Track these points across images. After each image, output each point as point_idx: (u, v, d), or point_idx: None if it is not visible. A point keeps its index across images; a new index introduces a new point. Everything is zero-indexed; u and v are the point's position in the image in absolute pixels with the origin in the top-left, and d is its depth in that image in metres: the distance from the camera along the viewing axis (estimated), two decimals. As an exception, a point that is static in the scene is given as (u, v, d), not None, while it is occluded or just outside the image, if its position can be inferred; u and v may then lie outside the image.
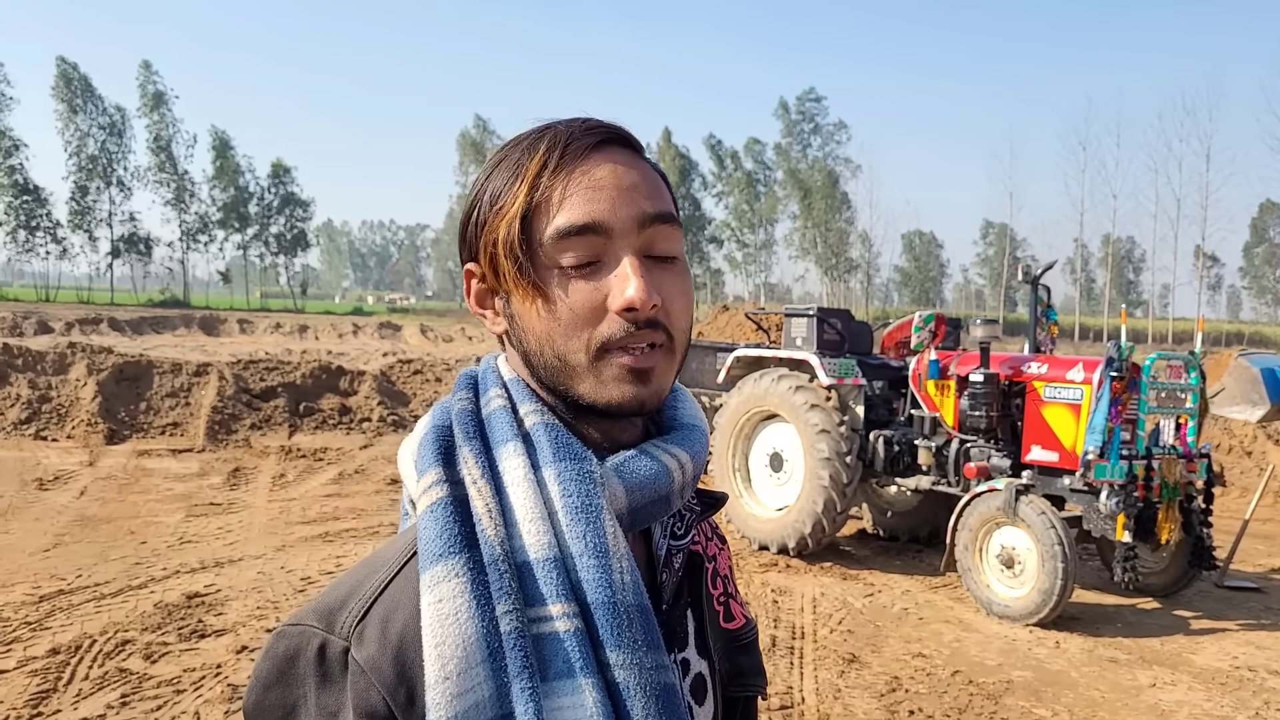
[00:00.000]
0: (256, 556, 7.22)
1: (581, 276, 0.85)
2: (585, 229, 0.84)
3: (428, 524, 0.81)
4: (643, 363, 0.86)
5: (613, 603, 0.80)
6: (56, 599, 6.03)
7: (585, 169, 0.86)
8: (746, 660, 1.08)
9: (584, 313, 0.85)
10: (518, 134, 0.92)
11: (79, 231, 66.90)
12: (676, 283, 0.89)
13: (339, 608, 0.83)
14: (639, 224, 0.86)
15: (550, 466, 0.84)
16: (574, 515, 0.82)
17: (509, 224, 0.86)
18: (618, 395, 0.86)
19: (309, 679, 0.81)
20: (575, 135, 0.87)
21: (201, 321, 43.49)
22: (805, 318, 8.14)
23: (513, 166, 0.88)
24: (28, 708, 4.43)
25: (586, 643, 0.79)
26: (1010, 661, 5.64)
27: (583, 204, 0.85)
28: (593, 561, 0.81)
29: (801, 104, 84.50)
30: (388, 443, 12.91)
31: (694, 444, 0.94)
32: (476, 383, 0.94)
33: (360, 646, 0.80)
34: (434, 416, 0.91)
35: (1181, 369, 6.66)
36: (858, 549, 8.42)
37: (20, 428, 12.29)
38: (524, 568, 0.80)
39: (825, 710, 4.80)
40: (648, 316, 0.85)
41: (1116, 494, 6.18)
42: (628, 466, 0.87)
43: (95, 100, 66.99)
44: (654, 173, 0.91)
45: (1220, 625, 6.51)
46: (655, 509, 0.89)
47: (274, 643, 0.84)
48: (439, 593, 0.78)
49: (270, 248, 77.76)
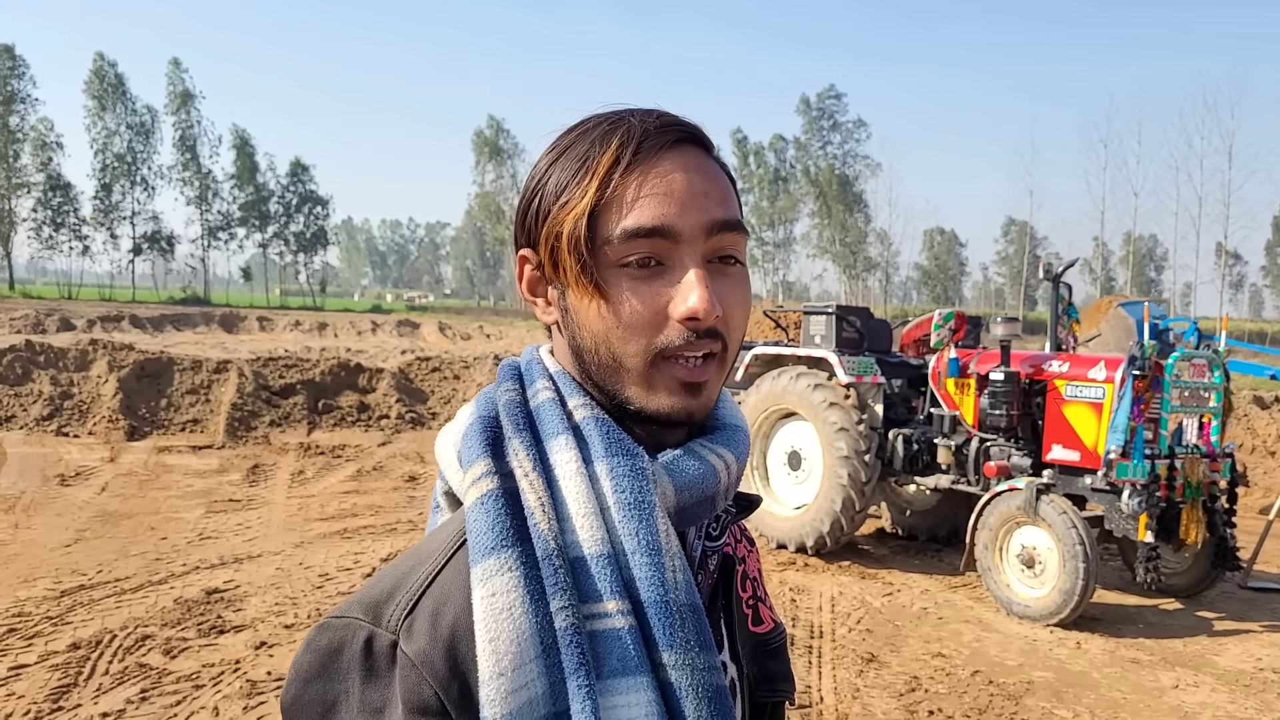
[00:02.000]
0: (275, 553, 7.25)
1: (644, 280, 0.84)
2: (654, 232, 0.82)
3: (478, 516, 0.80)
4: (696, 376, 0.85)
5: (665, 601, 0.78)
6: (77, 594, 6.07)
7: (659, 170, 0.84)
8: (775, 665, 1.06)
9: (645, 316, 0.83)
10: (586, 118, 0.90)
11: (101, 229, 67.41)
12: (737, 291, 0.88)
13: (385, 600, 0.81)
14: (707, 231, 0.84)
15: (602, 461, 0.83)
16: (627, 511, 0.80)
17: (575, 219, 0.84)
18: (667, 405, 0.85)
19: (353, 673, 0.79)
20: (650, 132, 0.85)
21: (222, 319, 43.72)
22: (824, 315, 8.10)
23: (580, 158, 0.85)
24: (48, 702, 4.46)
25: (641, 641, 0.78)
26: (1031, 662, 5.60)
27: (654, 206, 0.83)
28: (645, 559, 0.79)
29: (821, 101, 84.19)
30: (406, 440, 12.95)
31: (738, 445, 0.92)
32: (521, 374, 0.92)
33: (410, 640, 0.78)
34: (479, 407, 0.89)
35: (1205, 368, 6.59)
36: (876, 548, 8.38)
37: (42, 424, 12.39)
38: (577, 563, 0.79)
39: (844, 710, 4.77)
40: (709, 326, 0.84)
41: (1139, 494, 6.11)
42: (678, 465, 0.86)
43: (126, 100, 67.44)
44: (725, 176, 0.89)
45: (1244, 627, 6.44)
46: (701, 509, 0.87)
47: (316, 635, 0.82)
48: (492, 586, 0.76)
49: (290, 246, 78.12)
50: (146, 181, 69.01)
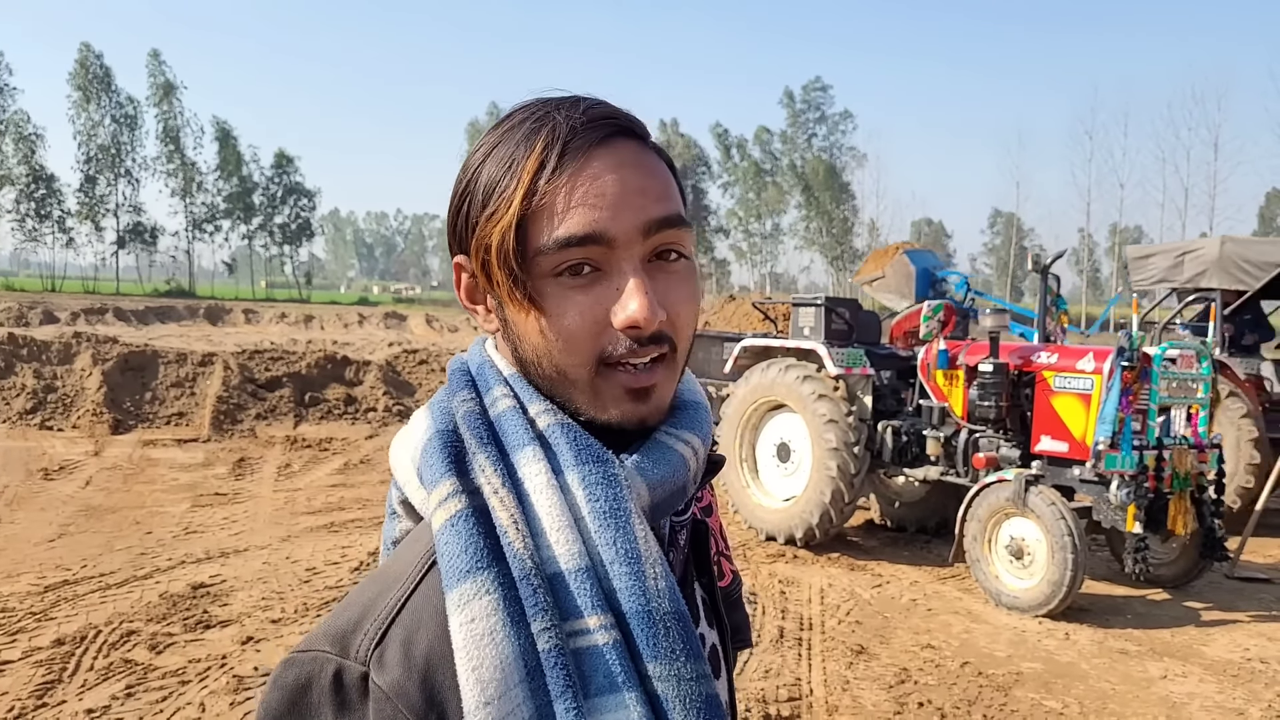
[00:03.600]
0: (262, 547, 7.21)
1: (581, 289, 0.80)
2: (586, 239, 0.79)
3: (449, 539, 0.76)
4: (643, 381, 0.82)
5: (648, 611, 0.76)
6: (62, 589, 6.02)
7: (589, 172, 0.80)
8: (736, 614, 1.06)
9: (584, 327, 0.80)
10: (512, 111, 0.86)
11: (86, 221, 66.90)
12: (682, 287, 0.84)
13: (352, 630, 0.78)
14: (644, 231, 0.81)
15: (573, 470, 0.80)
16: (603, 521, 0.78)
17: (503, 232, 0.80)
18: (617, 414, 0.83)
19: (324, 709, 0.76)
20: (577, 130, 0.80)
21: (207, 311, 43.50)
22: (813, 307, 8.10)
23: (506, 161, 0.81)
24: (33, 698, 4.42)
25: (626, 654, 0.75)
26: (1020, 653, 5.61)
27: (584, 213, 0.79)
28: (625, 569, 0.76)
29: (807, 93, 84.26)
30: (393, 433, 12.78)
31: (702, 424, 0.90)
32: (474, 379, 0.88)
33: (381, 671, 0.75)
34: (435, 419, 0.85)
35: (1193, 358, 6.61)
36: (865, 540, 8.39)
37: (26, 417, 12.30)
38: (555, 579, 0.76)
39: (834, 702, 4.77)
40: (652, 333, 0.80)
41: (1127, 485, 6.14)
42: (647, 463, 0.83)
43: (111, 90, 66.84)
44: (662, 166, 0.85)
45: (1231, 617, 6.47)
46: (674, 500, 0.85)
47: (282, 672, 0.78)
48: (470, 611, 0.73)
49: (275, 238, 77.74)
50: (131, 173, 68.53)
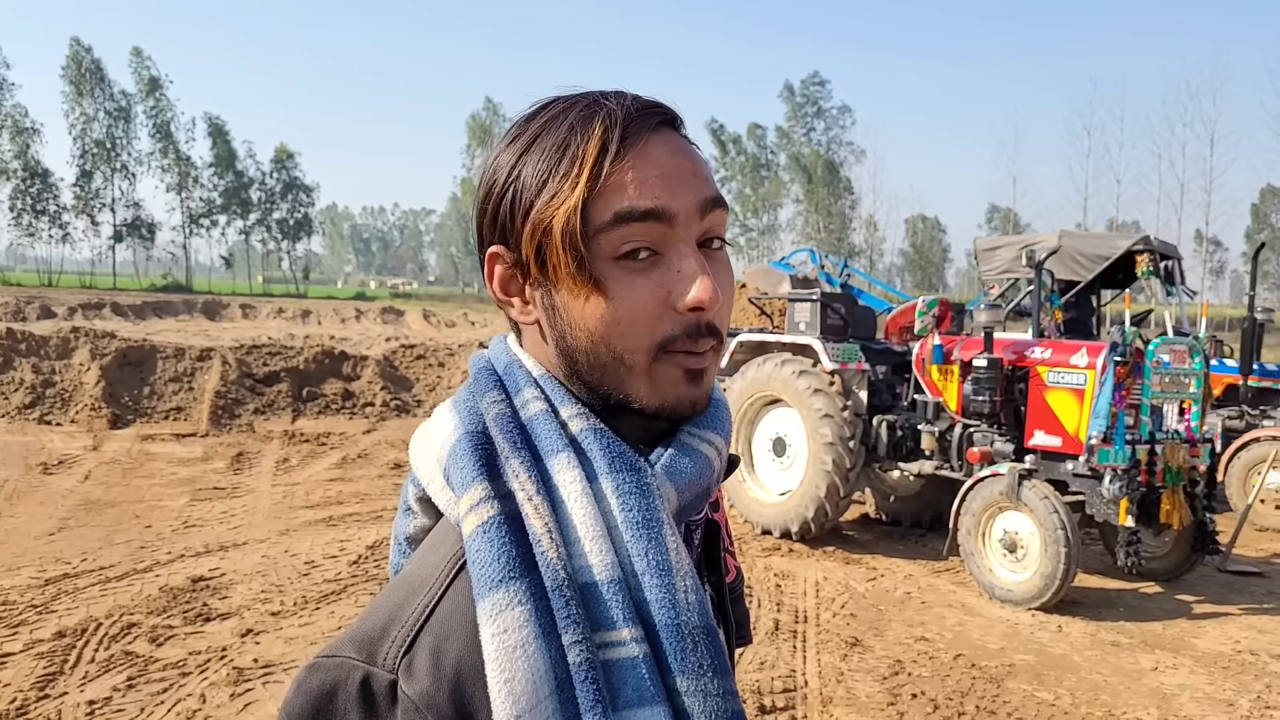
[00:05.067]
0: (261, 540, 7.25)
1: (641, 271, 0.80)
2: (649, 214, 0.79)
3: (481, 546, 0.75)
4: (700, 363, 0.82)
5: (677, 624, 0.75)
6: (62, 582, 6.06)
7: (648, 153, 0.80)
8: (738, 610, 1.06)
9: (647, 309, 0.80)
10: (541, 107, 0.85)
11: (82, 216, 66.71)
12: (725, 275, 0.85)
13: (380, 636, 0.76)
14: (700, 210, 0.82)
15: (607, 478, 0.78)
16: (636, 531, 0.77)
17: (568, 213, 0.79)
18: (673, 398, 0.82)
19: (350, 717, 0.75)
20: (632, 116, 0.81)
21: (204, 306, 43.46)
22: (808, 303, 8.13)
23: (559, 147, 0.81)
24: (34, 690, 4.45)
25: (655, 668, 0.74)
26: (1012, 645, 5.66)
27: (647, 189, 0.79)
28: (656, 580, 0.75)
29: (806, 88, 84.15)
30: (391, 427, 12.92)
31: (724, 424, 0.90)
32: (501, 378, 0.87)
33: (410, 680, 0.73)
34: (462, 420, 0.83)
35: (1185, 354, 6.65)
36: (860, 534, 8.44)
37: (24, 412, 12.32)
38: (587, 589, 0.75)
39: (828, 693, 4.81)
40: (708, 323, 0.82)
41: (1119, 479, 6.18)
42: (675, 465, 0.83)
43: (104, 85, 66.59)
44: (700, 154, 0.87)
45: (1223, 609, 6.52)
46: (699, 502, 0.85)
47: (307, 677, 0.77)
48: (503, 622, 0.72)
49: (273, 233, 77.57)
50: (127, 168, 68.33)
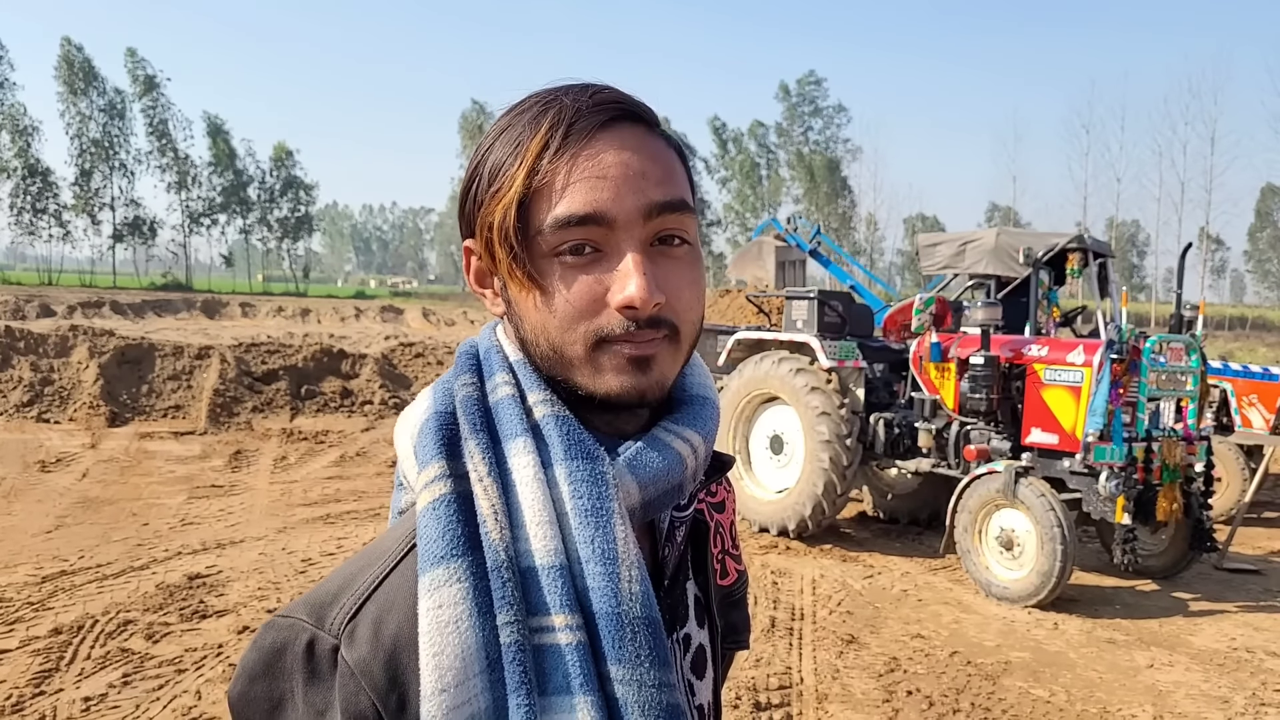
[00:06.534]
0: (258, 538, 7.25)
1: (580, 268, 0.80)
2: (586, 219, 0.78)
3: (429, 522, 0.77)
4: (643, 350, 0.81)
5: (617, 614, 0.76)
6: (59, 579, 6.06)
7: (590, 152, 0.79)
8: (736, 615, 1.06)
9: (582, 306, 0.80)
10: (524, 97, 0.86)
11: (82, 215, 66.66)
12: (684, 272, 0.83)
13: (330, 603, 0.79)
14: (644, 214, 0.80)
15: (561, 465, 0.80)
16: (583, 518, 0.77)
17: (504, 210, 0.80)
18: (616, 386, 0.81)
19: (296, 674, 0.78)
20: (581, 112, 0.80)
21: (203, 305, 43.43)
22: (806, 300, 8.14)
23: (513, 142, 0.81)
24: (30, 686, 4.46)
25: (589, 656, 0.75)
26: (1009, 642, 5.66)
27: (585, 192, 0.78)
28: (600, 569, 0.76)
29: (802, 87, 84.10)
30: (389, 425, 12.92)
31: (705, 422, 0.89)
32: (479, 363, 0.89)
33: (351, 646, 0.76)
34: (435, 400, 0.86)
35: (1182, 351, 6.65)
36: (857, 531, 8.44)
37: (23, 410, 12.32)
38: (528, 573, 0.76)
39: (824, 690, 4.82)
40: (649, 315, 0.80)
41: (1116, 476, 6.18)
42: (640, 460, 0.83)
43: (97, 83, 66.51)
44: (667, 151, 0.85)
45: (1219, 607, 6.53)
46: (668, 499, 0.85)
47: (262, 634, 0.81)
48: (439, 598, 0.74)
49: (274, 231, 77.50)
50: (126, 167, 68.27)
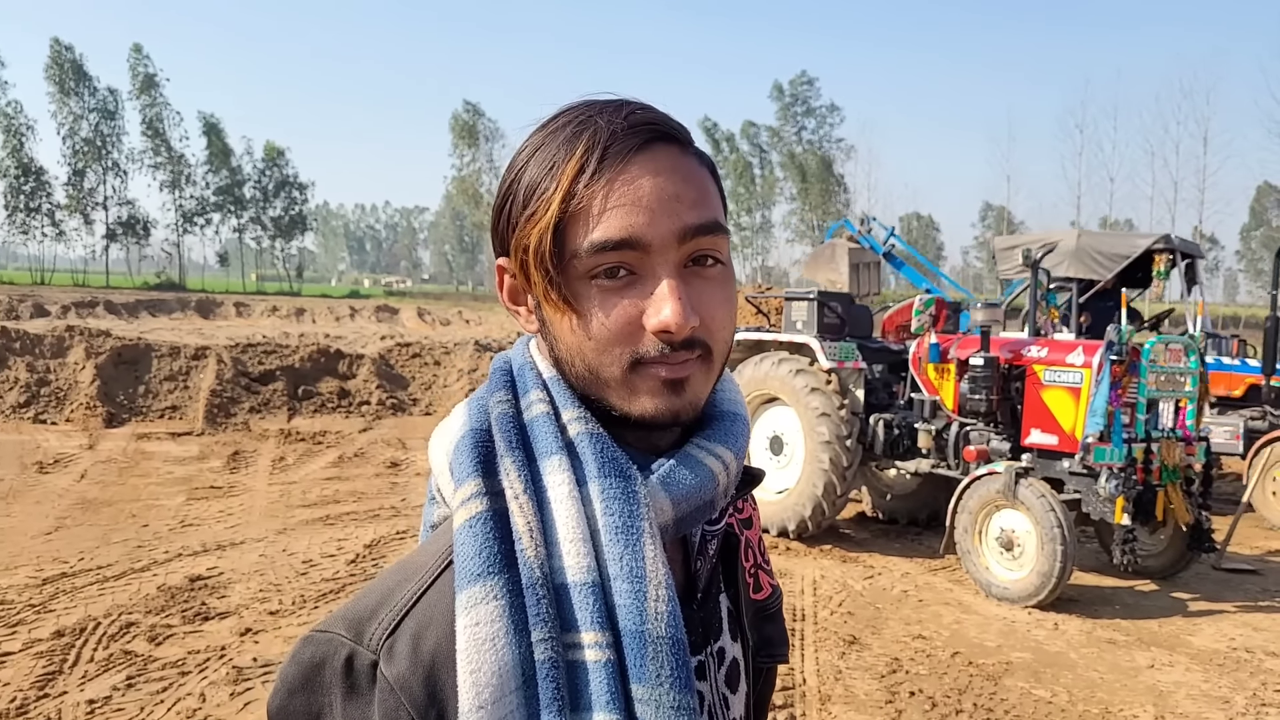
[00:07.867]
0: (258, 539, 7.24)
1: (616, 291, 0.81)
2: (621, 245, 0.79)
3: (466, 539, 0.78)
4: (677, 372, 0.82)
5: (642, 632, 0.77)
6: (60, 582, 6.05)
7: (626, 177, 0.80)
8: (772, 629, 1.07)
9: (617, 330, 0.81)
10: (557, 113, 0.86)
11: (75, 214, 66.47)
12: (718, 292, 0.84)
13: (369, 617, 0.80)
14: (679, 238, 0.81)
15: (594, 483, 0.81)
16: (614, 536, 0.79)
17: (540, 234, 0.80)
18: (651, 408, 0.82)
19: (335, 689, 0.79)
20: (617, 135, 0.81)
21: (198, 305, 43.37)
22: (805, 301, 8.15)
23: (548, 164, 0.82)
24: (34, 689, 4.45)
25: (616, 674, 0.76)
26: (1009, 643, 5.68)
27: (621, 217, 0.79)
28: (627, 587, 0.77)
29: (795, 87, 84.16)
30: (387, 426, 12.92)
31: (736, 438, 0.90)
32: (513, 379, 0.89)
33: (390, 662, 0.77)
34: (471, 416, 0.87)
35: (1181, 352, 6.68)
36: (857, 532, 8.46)
37: (19, 411, 12.30)
38: (561, 590, 0.78)
39: (826, 691, 4.83)
40: (685, 338, 0.81)
41: (1115, 477, 6.20)
42: (673, 477, 0.84)
43: (87, 83, 66.29)
44: (701, 170, 0.85)
45: (1218, 607, 6.55)
46: (699, 515, 0.86)
47: (301, 648, 0.81)
48: (476, 615, 0.75)
49: (267, 230, 77.34)
50: (119, 166, 68.08)
